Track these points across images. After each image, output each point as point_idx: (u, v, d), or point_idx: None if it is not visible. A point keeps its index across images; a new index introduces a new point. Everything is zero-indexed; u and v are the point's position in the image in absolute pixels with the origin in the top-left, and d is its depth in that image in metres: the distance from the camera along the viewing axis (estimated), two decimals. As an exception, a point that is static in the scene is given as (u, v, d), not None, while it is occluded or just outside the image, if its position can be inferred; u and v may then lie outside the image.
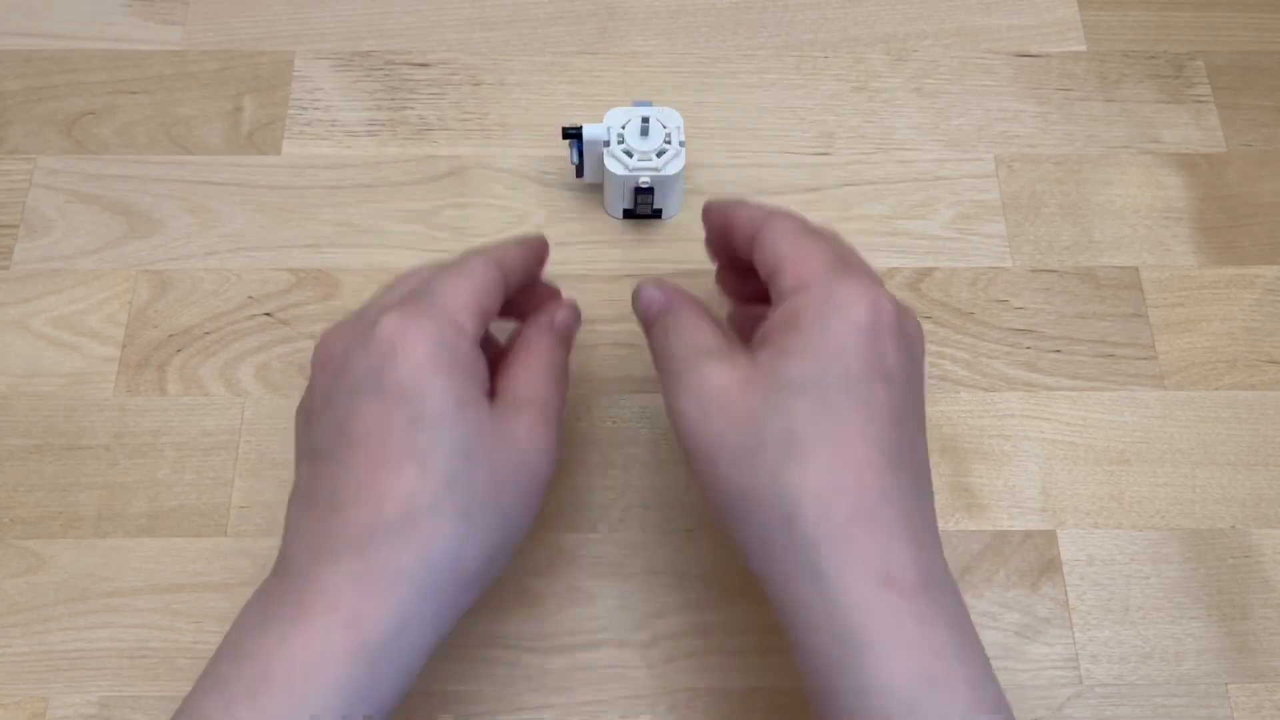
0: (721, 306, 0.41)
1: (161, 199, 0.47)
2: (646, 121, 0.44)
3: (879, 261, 0.46)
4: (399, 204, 0.47)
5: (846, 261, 0.32)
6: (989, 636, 0.39)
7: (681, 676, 0.39)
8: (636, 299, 0.36)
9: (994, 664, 0.39)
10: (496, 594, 0.40)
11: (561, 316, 0.37)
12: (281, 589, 0.30)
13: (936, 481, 0.42)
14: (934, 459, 0.42)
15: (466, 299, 0.32)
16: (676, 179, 0.44)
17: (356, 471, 0.29)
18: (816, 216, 0.47)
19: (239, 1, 0.52)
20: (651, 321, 0.35)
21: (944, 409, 0.43)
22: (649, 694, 0.38)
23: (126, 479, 0.42)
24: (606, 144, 0.44)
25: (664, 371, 0.33)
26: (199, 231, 0.46)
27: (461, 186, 0.47)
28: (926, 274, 0.46)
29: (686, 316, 0.34)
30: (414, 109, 0.49)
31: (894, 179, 0.48)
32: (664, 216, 0.47)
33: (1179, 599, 0.40)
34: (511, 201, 0.47)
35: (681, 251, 0.46)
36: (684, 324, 0.33)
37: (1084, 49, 0.51)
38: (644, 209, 0.45)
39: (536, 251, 0.37)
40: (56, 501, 0.41)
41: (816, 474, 0.28)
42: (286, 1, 0.52)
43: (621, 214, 0.47)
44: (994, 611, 0.40)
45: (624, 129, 0.44)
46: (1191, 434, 0.43)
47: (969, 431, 0.43)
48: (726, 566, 0.40)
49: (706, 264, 0.46)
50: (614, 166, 0.44)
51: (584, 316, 0.45)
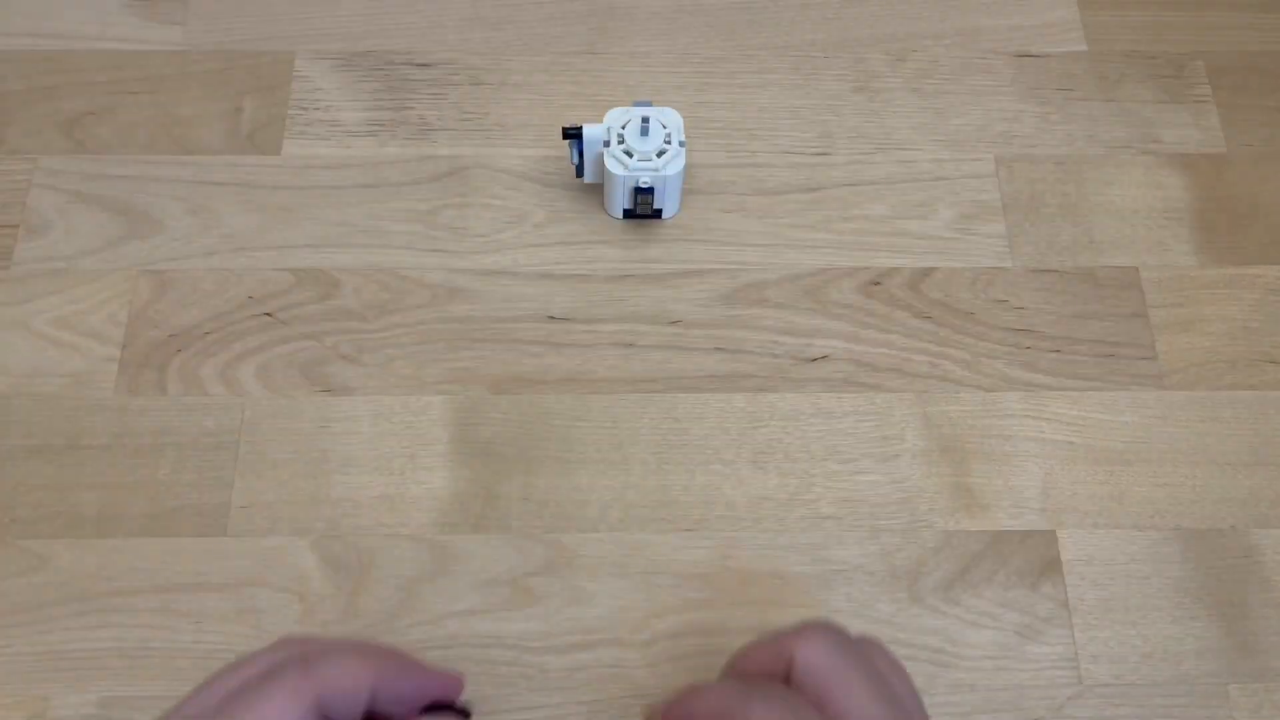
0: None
1: (161, 199, 0.47)
2: (646, 121, 0.44)
3: (879, 261, 0.46)
4: (399, 204, 0.47)
5: None
6: (989, 636, 0.39)
7: (681, 676, 0.39)
8: None
9: (994, 664, 0.39)
10: (496, 594, 0.40)
11: None
12: None
13: (937, 481, 0.42)
14: (934, 458, 0.42)
15: None
16: (676, 179, 0.44)
17: None
18: (816, 216, 0.48)
19: (239, 1, 0.52)
20: None
21: (944, 409, 0.43)
22: (649, 694, 0.38)
23: (127, 479, 0.42)
24: (606, 144, 0.44)
25: None
26: (199, 231, 0.46)
27: (461, 186, 0.47)
28: (926, 274, 0.46)
29: None
30: (414, 109, 0.49)
31: (894, 179, 0.48)
32: (664, 216, 0.47)
33: (1179, 599, 0.40)
34: (511, 201, 0.47)
35: (681, 251, 0.46)
36: None
37: (1084, 49, 0.51)
38: (644, 209, 0.45)
39: (417, 685, 0.30)
40: (57, 501, 0.41)
41: None
42: (287, 1, 0.52)
43: (621, 214, 0.47)
44: (994, 611, 0.40)
45: (624, 129, 0.44)
46: (1191, 434, 0.43)
47: (969, 431, 0.43)
48: (726, 567, 0.40)
49: (707, 264, 0.46)
50: (614, 166, 0.44)
51: (584, 316, 0.45)
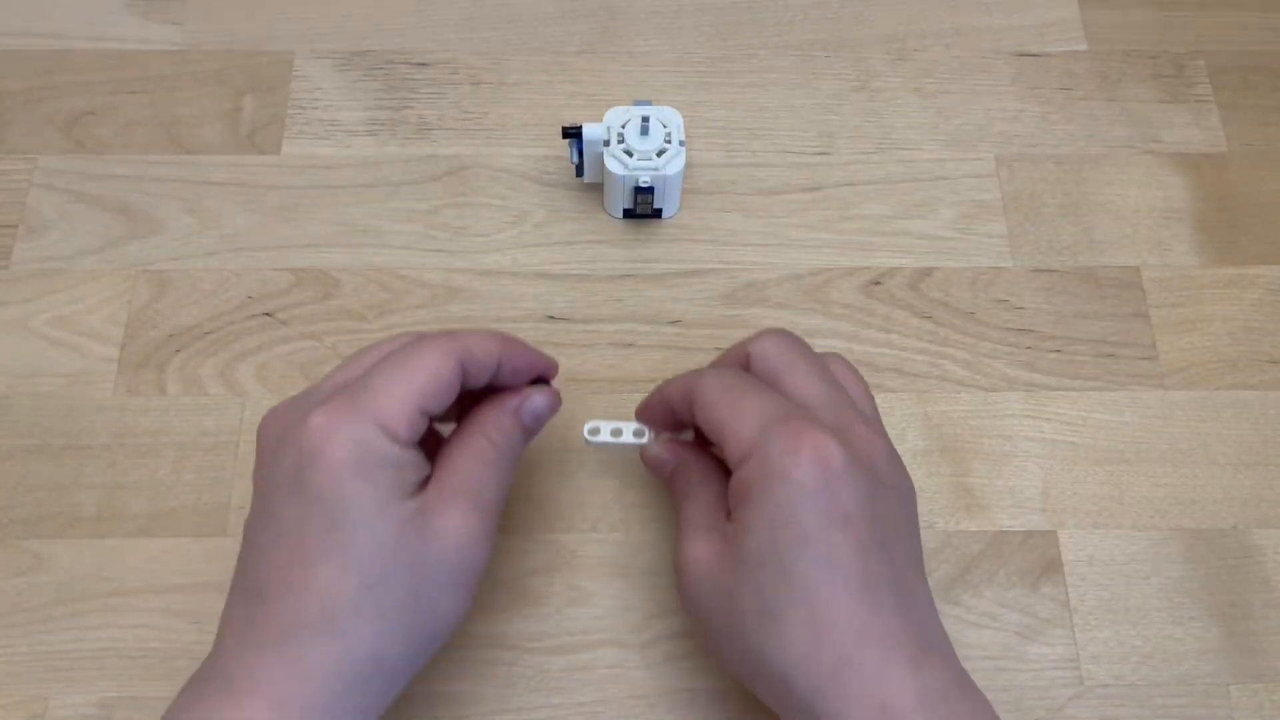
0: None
1: (161, 199, 0.47)
2: (646, 121, 0.43)
3: (879, 261, 0.46)
4: (399, 204, 0.47)
5: (784, 409, 0.32)
6: (989, 637, 0.39)
7: (681, 676, 0.39)
8: (644, 460, 0.37)
9: (994, 664, 0.39)
10: (496, 594, 0.40)
11: (534, 403, 0.35)
12: (213, 668, 0.30)
13: (937, 481, 0.42)
14: (934, 458, 0.42)
15: (401, 403, 0.30)
16: (676, 179, 0.44)
17: (280, 565, 0.30)
18: (816, 216, 0.48)
19: (239, 1, 0.52)
20: (667, 480, 0.37)
21: (944, 409, 0.43)
22: (649, 694, 0.38)
23: (126, 479, 0.41)
24: (606, 144, 0.44)
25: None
26: (199, 231, 0.46)
27: (461, 186, 0.47)
28: (927, 274, 0.46)
29: (682, 484, 0.35)
30: (414, 109, 0.49)
31: (894, 179, 0.48)
32: (664, 216, 0.47)
33: (1180, 599, 0.40)
34: (511, 201, 0.47)
35: (681, 251, 0.46)
36: (680, 491, 0.35)
37: (1085, 49, 0.51)
38: (644, 209, 0.45)
39: (529, 361, 0.35)
40: (56, 501, 0.41)
41: (793, 640, 0.30)
42: (287, 1, 0.52)
43: (621, 214, 0.46)
44: (994, 612, 0.40)
45: (624, 129, 0.44)
46: (1192, 434, 0.43)
47: (969, 431, 0.43)
48: (726, 566, 0.40)
49: (706, 264, 0.46)
50: (614, 166, 0.44)
51: (584, 316, 0.45)
